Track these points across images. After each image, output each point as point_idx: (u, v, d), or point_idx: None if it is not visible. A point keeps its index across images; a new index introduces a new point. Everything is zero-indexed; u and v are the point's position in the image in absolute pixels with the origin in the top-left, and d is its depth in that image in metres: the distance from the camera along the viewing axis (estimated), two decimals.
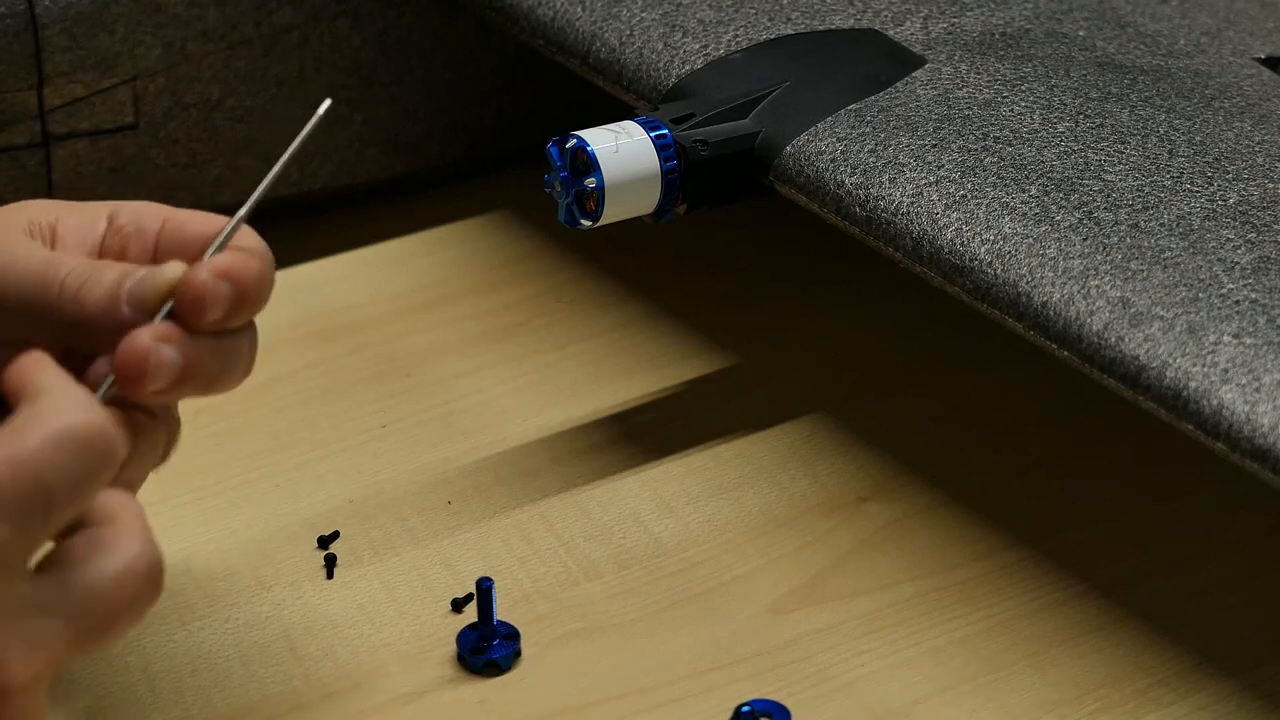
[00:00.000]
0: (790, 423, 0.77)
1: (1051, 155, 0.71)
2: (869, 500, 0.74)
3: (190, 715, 0.65)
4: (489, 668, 0.66)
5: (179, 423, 0.63)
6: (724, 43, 0.77)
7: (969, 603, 0.69)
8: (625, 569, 0.71)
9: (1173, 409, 0.62)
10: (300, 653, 0.67)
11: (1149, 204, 0.68)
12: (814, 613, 0.69)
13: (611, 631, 0.68)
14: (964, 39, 0.78)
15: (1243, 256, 0.66)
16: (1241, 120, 0.74)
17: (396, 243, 0.88)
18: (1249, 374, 0.61)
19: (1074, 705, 0.66)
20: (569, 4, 0.80)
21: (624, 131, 0.72)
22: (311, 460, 0.76)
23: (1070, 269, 0.65)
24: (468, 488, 0.74)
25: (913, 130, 0.72)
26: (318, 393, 0.79)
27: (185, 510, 0.73)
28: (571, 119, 0.76)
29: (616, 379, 0.80)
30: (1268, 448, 0.60)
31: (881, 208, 0.69)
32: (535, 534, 0.72)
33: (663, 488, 0.74)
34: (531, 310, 0.84)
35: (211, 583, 0.70)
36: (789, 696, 0.65)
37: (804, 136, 0.72)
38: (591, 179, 0.71)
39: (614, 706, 0.66)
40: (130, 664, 0.67)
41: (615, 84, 0.78)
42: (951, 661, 0.67)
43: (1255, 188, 0.70)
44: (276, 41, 0.85)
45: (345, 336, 0.82)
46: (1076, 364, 0.65)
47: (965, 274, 0.67)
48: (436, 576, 0.70)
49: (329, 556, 0.71)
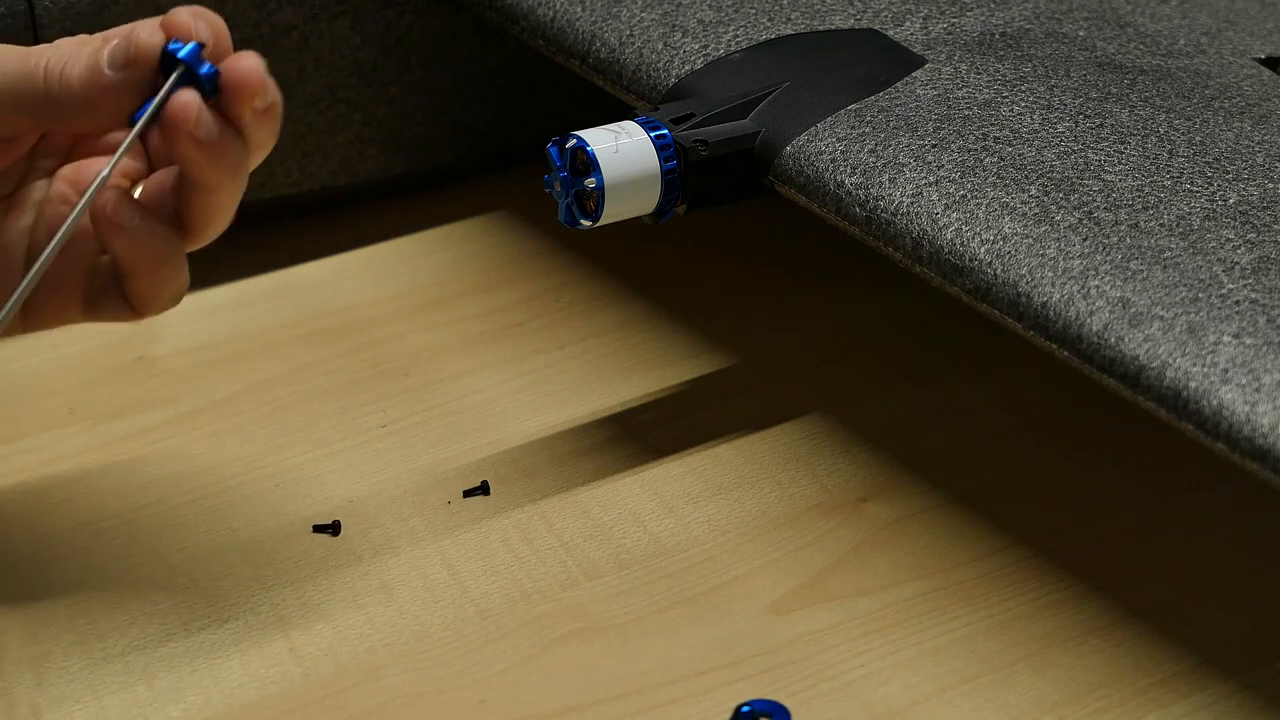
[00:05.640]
0: (790, 423, 0.77)
1: (1051, 155, 0.71)
2: (869, 500, 0.74)
3: (190, 715, 0.65)
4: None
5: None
6: (724, 43, 0.77)
7: (969, 603, 0.69)
8: (625, 569, 0.71)
9: (1173, 409, 0.62)
10: (300, 653, 0.67)
11: (1149, 204, 0.68)
12: (814, 613, 0.69)
13: (611, 631, 0.68)
14: (964, 39, 0.78)
15: (1243, 256, 0.66)
16: (1241, 120, 0.74)
17: (396, 243, 0.88)
18: (1249, 374, 0.61)
19: (1074, 705, 0.66)
20: (569, 4, 0.80)
21: (624, 131, 0.72)
22: (311, 460, 0.76)
23: (1070, 269, 0.65)
24: (468, 487, 0.74)
25: (913, 130, 0.72)
26: (317, 393, 0.79)
27: (185, 510, 0.73)
28: (571, 119, 0.76)
29: (616, 379, 0.80)
30: (1268, 448, 0.60)
31: (881, 208, 0.69)
32: (535, 534, 0.72)
33: (663, 488, 0.74)
34: (531, 310, 0.84)
35: (211, 583, 0.70)
36: (789, 696, 0.65)
37: (804, 136, 0.72)
38: (591, 179, 0.71)
39: (614, 706, 0.66)
40: (130, 664, 0.67)
41: (615, 84, 0.78)
42: (951, 661, 0.67)
43: (1255, 188, 0.70)
44: (276, 42, 0.85)
45: (345, 336, 0.83)
46: (1076, 364, 0.65)
47: (965, 274, 0.67)
48: (436, 576, 0.70)
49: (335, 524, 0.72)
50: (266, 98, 0.62)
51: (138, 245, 0.64)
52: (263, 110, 0.63)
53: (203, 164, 0.62)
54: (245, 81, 0.62)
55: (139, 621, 0.68)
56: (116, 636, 0.68)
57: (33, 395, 0.79)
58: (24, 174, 0.66)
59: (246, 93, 0.62)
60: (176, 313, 0.83)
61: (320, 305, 0.84)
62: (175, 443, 0.77)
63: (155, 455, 0.76)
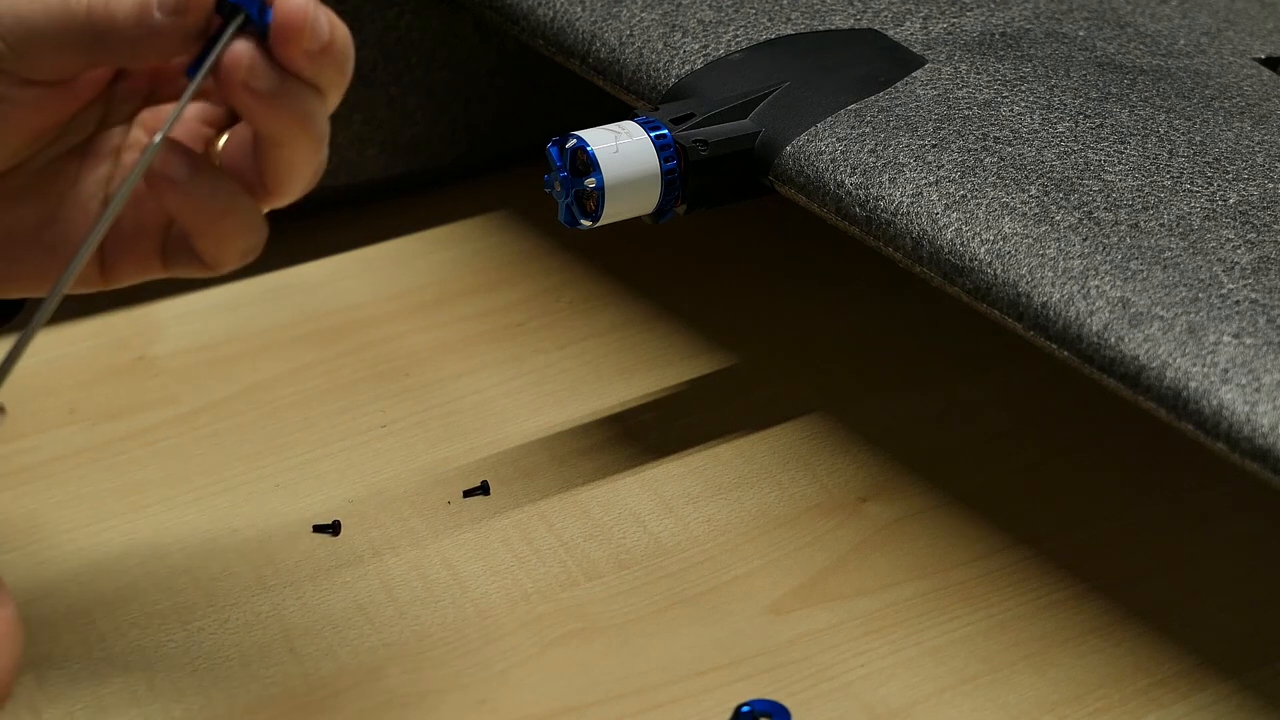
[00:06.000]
0: (790, 423, 0.77)
1: (1051, 155, 0.71)
2: (869, 500, 0.74)
3: (190, 715, 0.65)
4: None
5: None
6: (724, 43, 0.77)
7: (969, 603, 0.69)
8: (625, 569, 0.71)
9: (1173, 409, 0.62)
10: (300, 653, 0.67)
11: (1149, 204, 0.68)
12: (814, 613, 0.69)
13: (611, 631, 0.68)
14: (964, 39, 0.78)
15: (1243, 256, 0.66)
16: (1241, 120, 0.74)
17: (396, 243, 0.88)
18: (1249, 374, 0.61)
19: (1074, 705, 0.66)
20: (569, 4, 0.80)
21: (624, 131, 0.72)
22: (311, 460, 0.76)
23: (1070, 269, 0.65)
24: (468, 487, 0.74)
25: (913, 130, 0.72)
26: (317, 393, 0.79)
27: (185, 510, 0.73)
28: (571, 119, 0.76)
29: (616, 379, 0.80)
30: (1268, 448, 0.60)
31: (881, 208, 0.69)
32: (535, 534, 0.72)
33: (663, 488, 0.74)
34: (531, 310, 0.84)
35: (211, 583, 0.70)
36: (789, 696, 0.65)
37: (804, 136, 0.72)
38: (591, 179, 0.71)
39: (614, 706, 0.66)
40: (130, 664, 0.67)
41: (615, 84, 0.78)
42: (951, 661, 0.67)
43: (1255, 188, 0.70)
44: None
45: (345, 336, 0.83)
46: (1076, 364, 0.65)
47: (965, 274, 0.67)
48: (436, 576, 0.70)
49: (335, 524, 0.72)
50: (317, 38, 0.57)
51: (192, 201, 0.59)
52: (317, 51, 0.57)
53: (266, 117, 0.58)
54: (290, 22, 0.57)
55: (139, 621, 0.68)
56: (116, 636, 0.68)
57: (33, 395, 0.79)
58: (100, 119, 0.62)
59: (292, 34, 0.57)
60: (176, 313, 0.83)
61: (320, 305, 0.84)
62: (175, 443, 0.77)
63: (155, 455, 0.76)
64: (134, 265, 0.62)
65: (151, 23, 0.57)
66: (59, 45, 0.58)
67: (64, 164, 0.62)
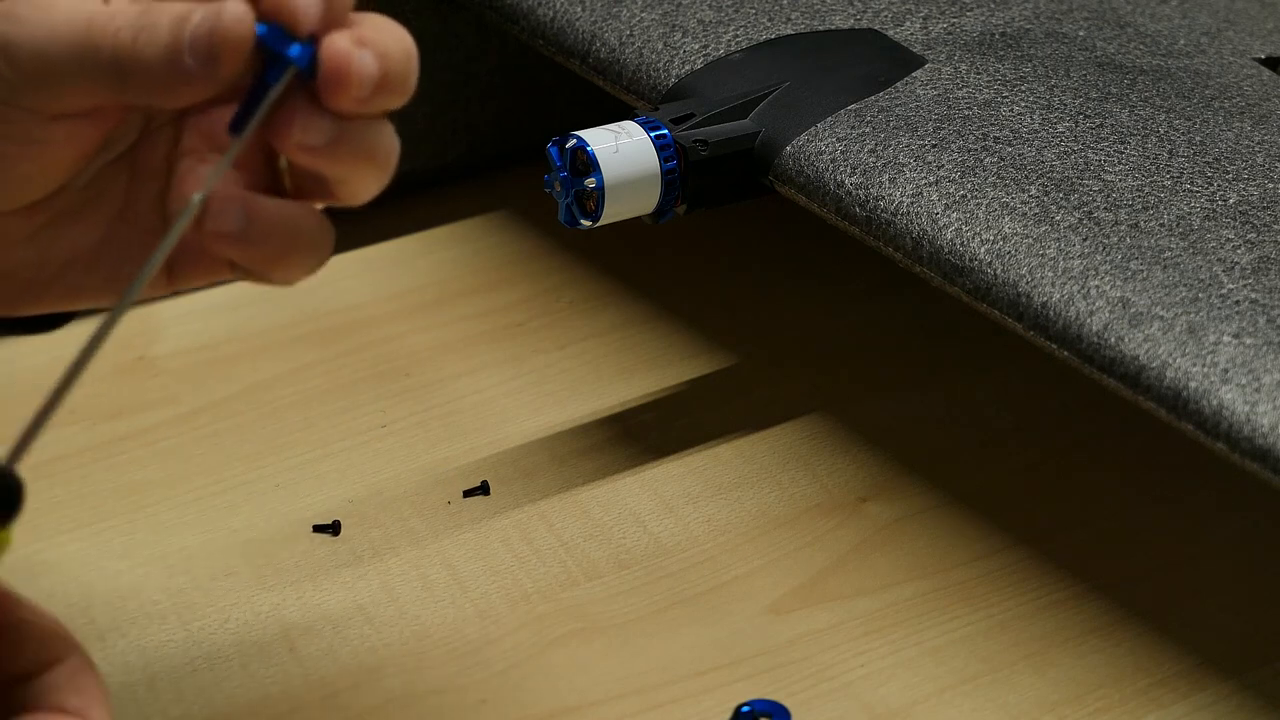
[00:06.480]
0: (790, 423, 0.77)
1: (1051, 155, 0.71)
2: (869, 500, 0.74)
3: (190, 715, 0.65)
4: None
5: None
6: (724, 43, 0.77)
7: (969, 603, 0.69)
8: (625, 569, 0.71)
9: (1173, 409, 0.62)
10: (300, 653, 0.67)
11: (1149, 204, 0.68)
12: (814, 613, 0.69)
13: (611, 631, 0.68)
14: (964, 39, 0.78)
15: (1243, 256, 0.66)
16: (1241, 120, 0.74)
17: (396, 243, 0.88)
18: (1249, 374, 0.61)
19: (1074, 705, 0.66)
20: (569, 4, 0.80)
21: (624, 131, 0.72)
22: (311, 460, 0.76)
23: (1070, 269, 0.65)
24: (468, 487, 0.74)
25: (913, 130, 0.72)
26: (317, 393, 0.79)
27: (185, 510, 0.73)
28: (571, 119, 0.76)
29: (616, 379, 0.80)
30: (1268, 448, 0.60)
31: (881, 208, 0.69)
32: (535, 534, 0.72)
33: (663, 488, 0.74)
34: (531, 310, 0.84)
35: (211, 583, 0.70)
36: (789, 696, 0.65)
37: (804, 136, 0.72)
38: (591, 179, 0.71)
39: (614, 706, 0.66)
40: (130, 664, 0.67)
41: (615, 84, 0.78)
42: (951, 661, 0.67)
43: (1255, 188, 0.69)
44: None
45: (345, 336, 0.82)
46: (1076, 364, 0.65)
47: (965, 274, 0.67)
48: (436, 576, 0.70)
49: (335, 524, 0.72)
50: (365, 83, 0.52)
51: (250, 250, 0.54)
52: (370, 93, 0.52)
53: (328, 165, 0.54)
54: (334, 76, 0.52)
55: (139, 621, 0.68)
56: (116, 636, 0.68)
57: (33, 395, 0.79)
58: (141, 128, 0.57)
59: (339, 88, 0.52)
60: (176, 313, 0.83)
61: (320, 305, 0.84)
62: (175, 443, 0.77)
63: (155, 455, 0.76)
64: (203, 272, 0.58)
65: (183, 68, 0.52)
66: (81, 80, 0.53)
67: (111, 176, 0.57)
